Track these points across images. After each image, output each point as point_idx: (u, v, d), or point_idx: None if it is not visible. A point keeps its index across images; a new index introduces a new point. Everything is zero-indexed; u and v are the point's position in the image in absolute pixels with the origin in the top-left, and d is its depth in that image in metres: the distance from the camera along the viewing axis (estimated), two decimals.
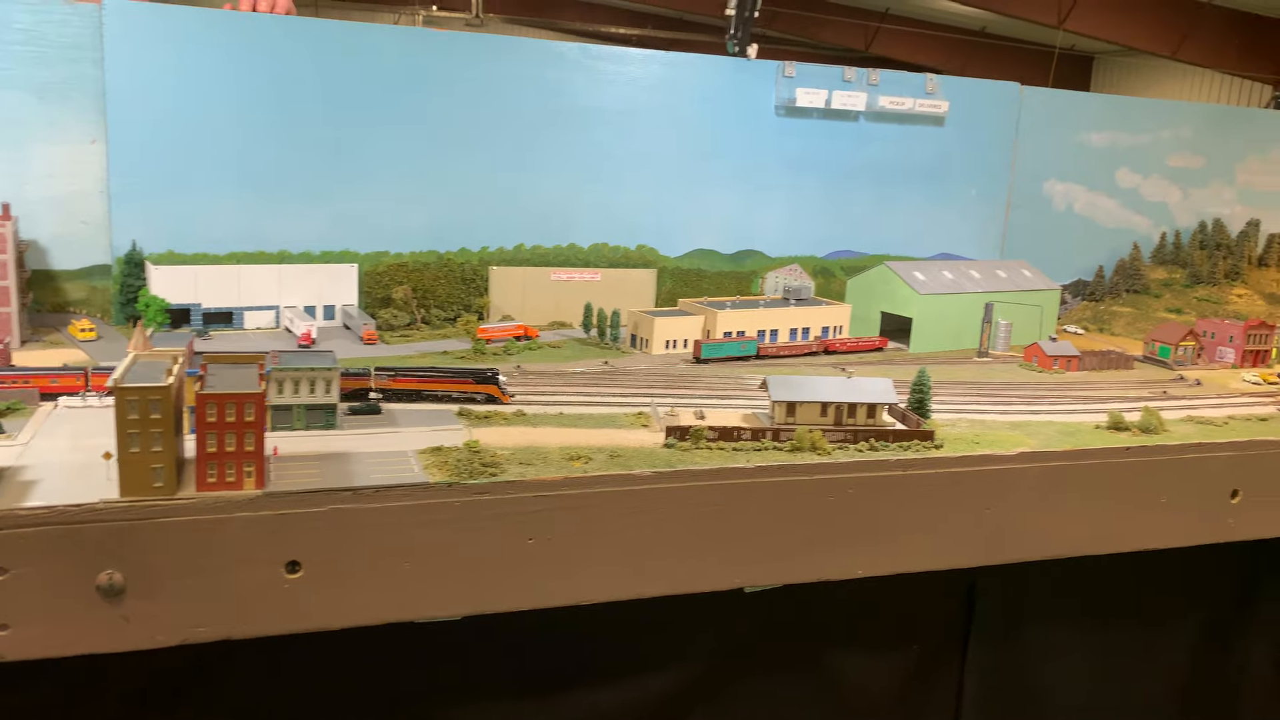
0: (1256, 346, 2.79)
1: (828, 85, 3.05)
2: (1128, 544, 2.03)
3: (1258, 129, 3.58)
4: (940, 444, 1.95)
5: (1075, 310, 3.40)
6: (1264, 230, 3.51)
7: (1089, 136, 3.36)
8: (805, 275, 3.20)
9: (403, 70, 2.75)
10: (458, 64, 2.80)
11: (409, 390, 2.13)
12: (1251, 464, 2.09)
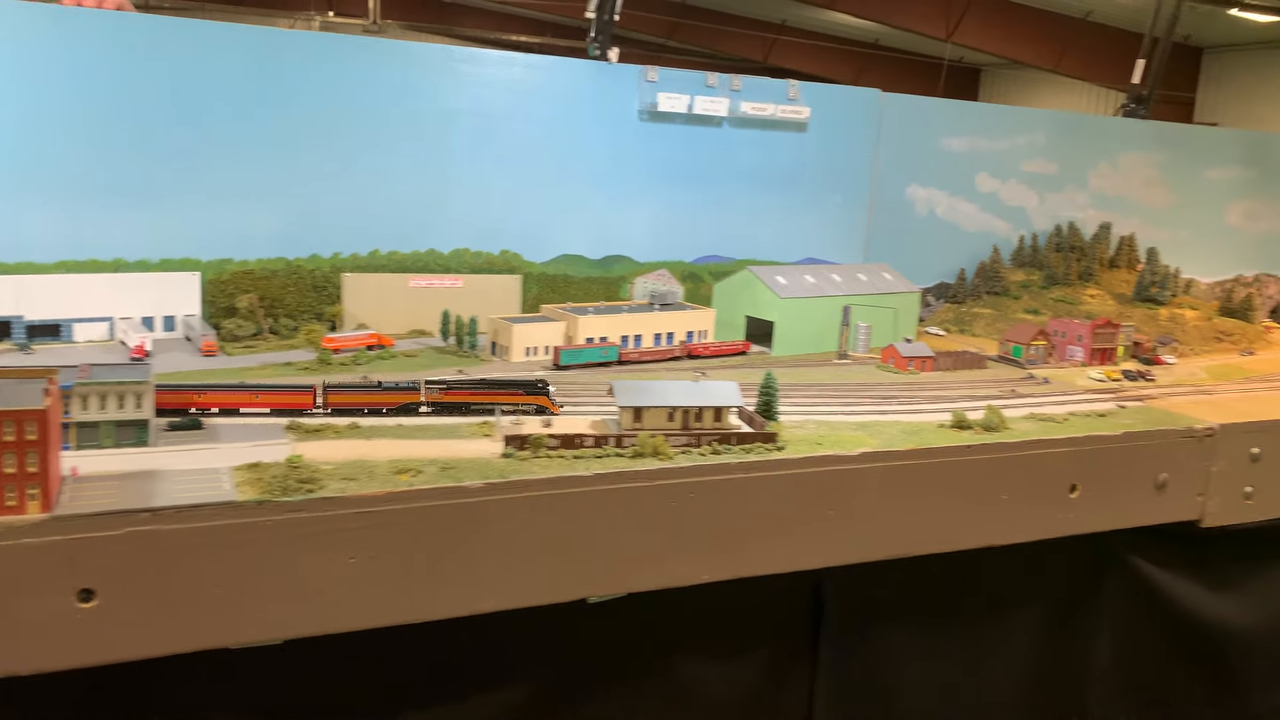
0: (1103, 345, 2.88)
1: (690, 90, 3.04)
2: (971, 541, 2.06)
3: (1108, 136, 3.72)
4: (783, 446, 1.94)
5: (939, 312, 3.47)
6: (1115, 233, 3.65)
7: (949, 142, 3.43)
8: (674, 280, 3.18)
9: (251, 70, 2.63)
10: (309, 64, 2.69)
11: (458, 403, 2.07)
12: (1089, 459, 2.14)
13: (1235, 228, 3.93)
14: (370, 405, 2.07)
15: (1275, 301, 3.97)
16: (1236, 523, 2.33)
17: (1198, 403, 2.47)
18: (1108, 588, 2.29)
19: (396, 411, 2.07)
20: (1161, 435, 2.21)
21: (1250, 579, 2.40)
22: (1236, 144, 3.94)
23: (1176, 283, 3.39)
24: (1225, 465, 2.28)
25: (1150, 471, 2.21)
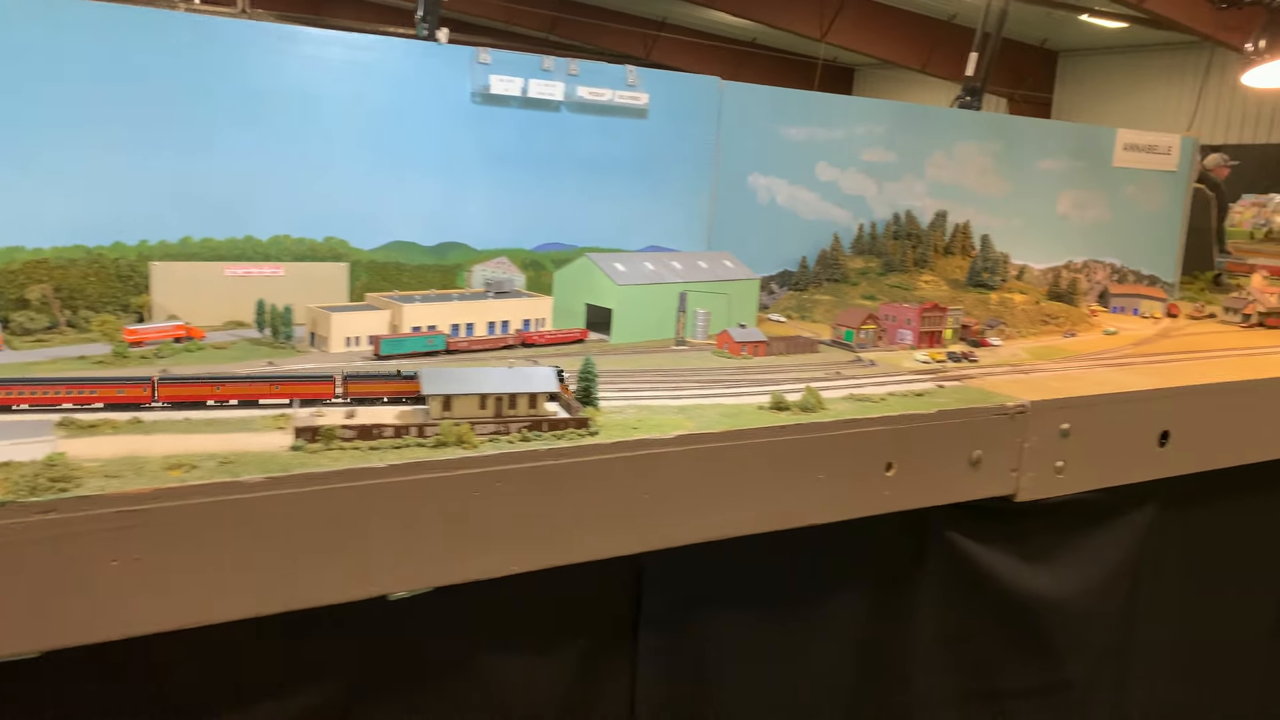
0: (931, 328, 2.95)
1: (524, 74, 2.98)
2: (790, 520, 2.06)
3: (943, 127, 3.83)
4: (597, 431, 1.91)
5: (782, 299, 3.50)
6: (950, 220, 3.75)
7: (788, 131, 3.47)
8: (514, 268, 3.12)
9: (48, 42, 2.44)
10: (112, 38, 2.51)
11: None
12: (904, 437, 2.18)
13: (1065, 216, 4.10)
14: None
15: (1103, 287, 4.16)
16: (1049, 496, 2.40)
17: (1014, 381, 2.55)
18: (928, 564, 2.34)
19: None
20: (975, 413, 2.26)
21: (1063, 550, 2.49)
22: (1066, 136, 4.11)
23: (1006, 268, 3.51)
24: (1037, 441, 2.35)
25: (964, 449, 2.26)
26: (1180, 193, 4.40)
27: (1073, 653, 2.54)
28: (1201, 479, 2.67)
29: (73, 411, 1.85)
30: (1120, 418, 2.48)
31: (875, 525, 2.20)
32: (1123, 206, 4.23)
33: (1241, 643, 2.97)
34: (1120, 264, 4.28)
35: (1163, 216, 4.35)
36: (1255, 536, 2.91)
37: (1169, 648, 2.81)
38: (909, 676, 2.36)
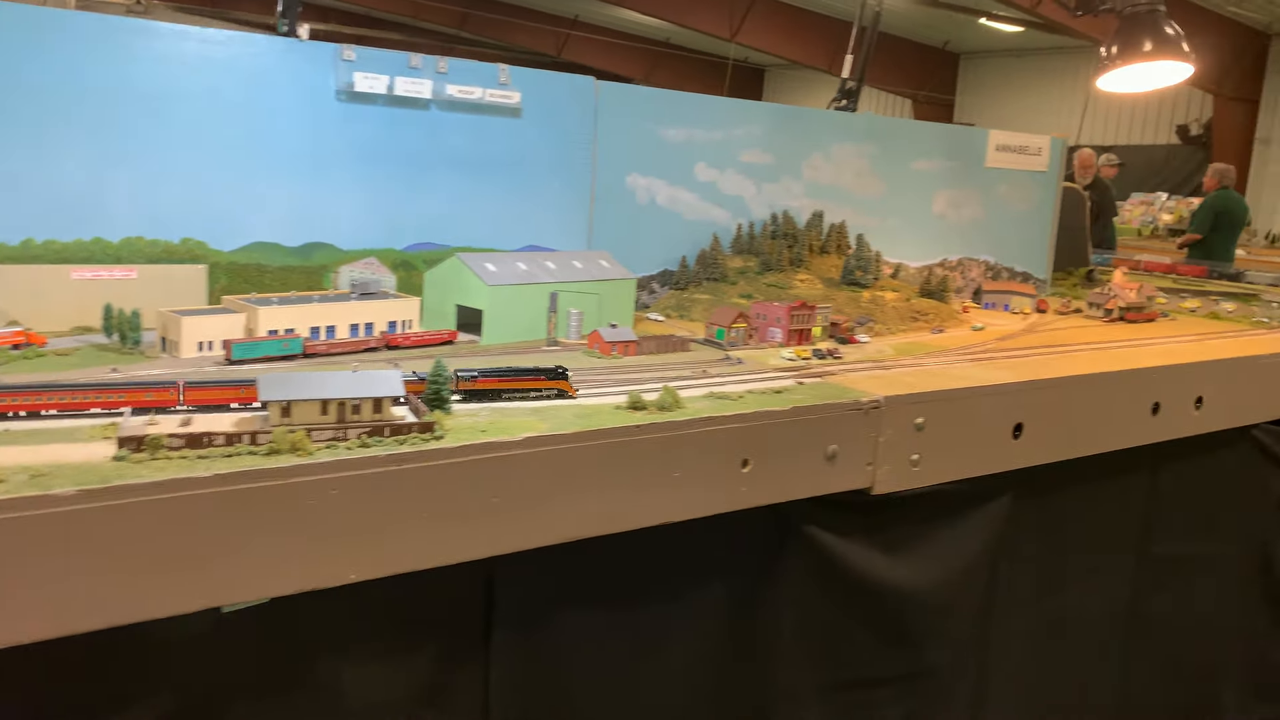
0: (800, 326, 3.01)
1: (390, 71, 2.93)
2: (645, 520, 2.08)
3: (820, 128, 3.90)
4: (442, 435, 1.89)
5: (663, 299, 3.52)
6: (827, 221, 3.82)
7: (666, 132, 3.49)
8: (384, 269, 3.07)
9: None
10: None
11: (490, 390, 2.15)
12: (760, 434, 2.21)
13: (941, 215, 4.21)
14: None
15: (978, 284, 4.28)
16: (906, 488, 2.47)
17: (873, 377, 2.60)
18: (788, 558, 2.37)
19: None
20: (830, 409, 2.31)
21: (922, 540, 2.55)
22: (940, 137, 4.22)
23: (879, 267, 3.59)
24: (892, 435, 2.41)
25: (820, 444, 2.30)
26: (1051, 192, 4.57)
27: (934, 640, 2.61)
28: (1055, 469, 2.78)
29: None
30: (974, 411, 2.56)
31: (733, 521, 2.22)
32: (996, 205, 4.37)
33: (1097, 626, 3.10)
34: (994, 261, 4.42)
35: (1034, 215, 4.51)
36: (1107, 523, 3.04)
37: (1028, 633, 2.92)
38: (771, 669, 2.40)
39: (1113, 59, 3.59)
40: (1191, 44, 9.70)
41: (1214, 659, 3.31)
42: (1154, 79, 3.69)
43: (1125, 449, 2.95)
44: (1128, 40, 3.58)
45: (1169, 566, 3.18)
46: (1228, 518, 3.23)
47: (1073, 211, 5.29)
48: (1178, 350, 3.21)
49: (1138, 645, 3.17)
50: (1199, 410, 3.05)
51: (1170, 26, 3.55)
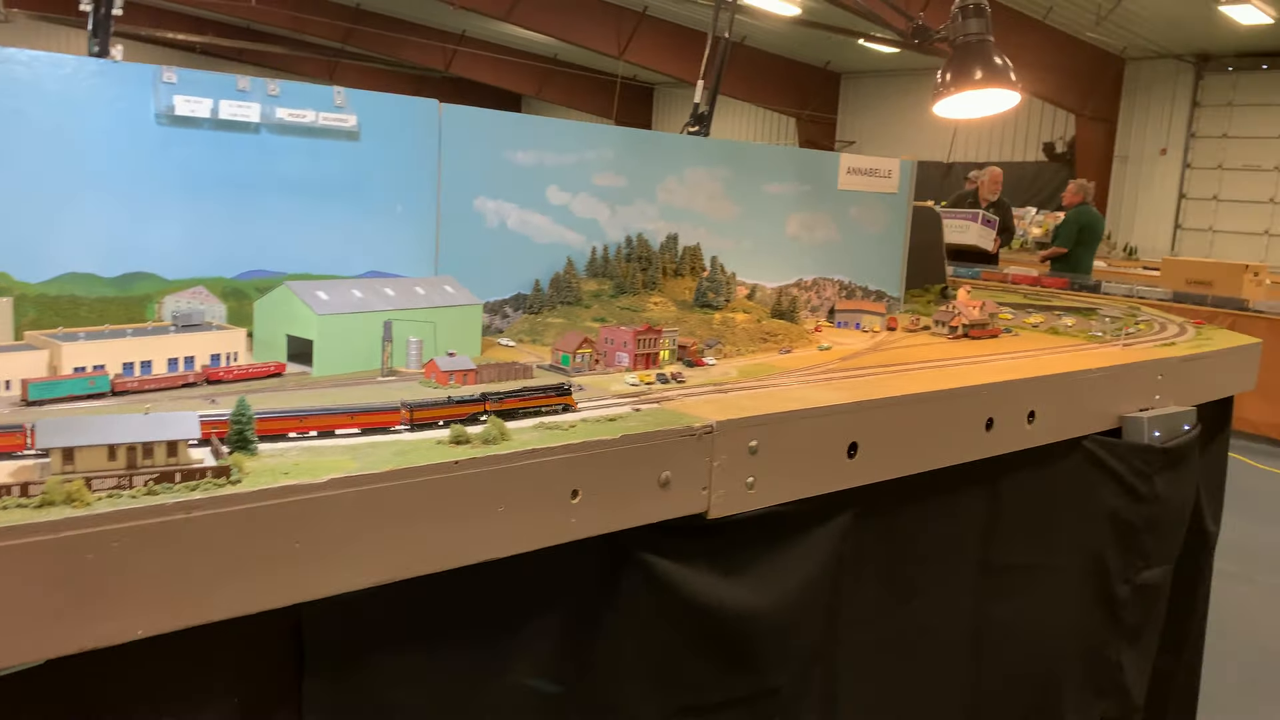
0: (646, 350, 3.01)
1: (215, 94, 2.82)
2: (466, 558, 2.03)
3: (674, 152, 3.93)
4: (239, 479, 1.81)
5: (516, 323, 3.48)
6: (681, 243, 3.85)
7: (515, 155, 3.46)
8: (213, 299, 2.94)
9: None
10: None
11: (510, 410, 2.27)
12: (590, 464, 2.19)
13: (795, 237, 4.29)
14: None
15: (832, 303, 4.37)
16: (742, 511, 2.48)
17: (710, 402, 2.62)
18: (623, 586, 2.36)
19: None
20: (661, 435, 2.30)
21: (761, 562, 2.57)
22: (792, 160, 4.30)
23: (732, 289, 3.63)
24: (726, 459, 2.42)
25: (653, 471, 2.29)
26: (902, 213, 4.71)
27: (777, 661, 2.63)
28: (895, 485, 2.85)
29: None
30: (809, 432, 2.60)
31: (565, 552, 2.20)
32: (849, 226, 4.48)
33: (942, 638, 3.18)
34: (849, 281, 4.53)
35: (886, 235, 4.64)
36: (948, 536, 3.13)
37: (874, 648, 2.97)
38: (611, 700, 2.37)
39: (946, 86, 3.73)
40: (1055, 67, 10.21)
41: (1055, 662, 3.44)
42: (984, 106, 3.85)
43: (962, 464, 3.03)
44: (960, 69, 3.73)
45: (1009, 576, 3.29)
46: (1063, 526, 3.37)
47: (929, 230, 5.47)
48: (1011, 367, 3.33)
49: (983, 655, 3.26)
50: (1031, 424, 3.17)
51: (999, 57, 3.72)
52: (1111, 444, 3.44)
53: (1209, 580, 4.39)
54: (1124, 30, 23.45)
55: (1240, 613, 6.49)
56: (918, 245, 5.05)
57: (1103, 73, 25.73)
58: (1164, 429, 3.55)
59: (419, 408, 2.19)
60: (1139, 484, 3.46)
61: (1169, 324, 4.58)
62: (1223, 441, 4.27)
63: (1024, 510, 3.29)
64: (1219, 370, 4.02)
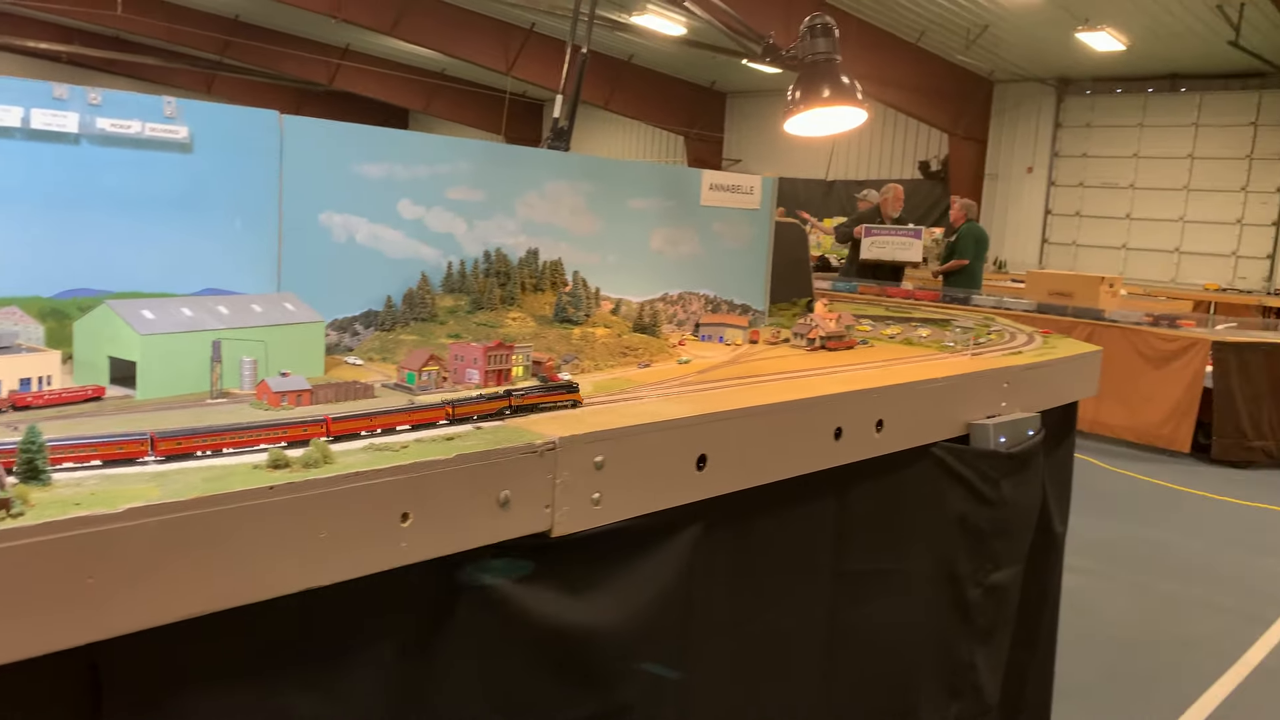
0: (498, 367, 2.96)
1: (27, 102, 2.66)
2: (283, 588, 1.94)
3: (534, 166, 3.90)
4: (21, 512, 1.69)
5: (367, 341, 3.39)
6: (542, 258, 3.82)
7: (365, 168, 3.37)
8: (29, 319, 2.76)
9: None
10: None
11: (529, 405, 2.41)
12: (421, 485, 2.13)
13: (659, 252, 4.31)
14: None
15: (698, 317, 4.40)
16: (587, 528, 2.45)
17: (557, 418, 2.58)
18: (462, 610, 2.30)
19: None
20: (500, 454, 2.26)
21: (609, 578, 2.55)
22: (655, 176, 4.33)
23: (591, 303, 3.62)
24: (570, 476, 2.39)
25: (491, 490, 2.25)
26: (765, 228, 4.79)
27: (627, 677, 2.61)
28: (746, 496, 2.86)
29: None
30: (656, 445, 2.59)
31: (398, 577, 2.12)
32: (713, 241, 4.53)
33: (797, 646, 3.22)
34: (714, 295, 4.58)
35: (750, 250, 4.71)
36: (801, 545, 3.17)
37: (729, 659, 2.98)
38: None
39: (796, 104, 3.81)
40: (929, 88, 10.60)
41: (910, 665, 3.51)
42: (833, 124, 3.95)
43: (813, 473, 3.07)
44: (808, 87, 3.82)
45: (862, 582, 3.35)
46: (914, 532, 3.45)
47: (796, 246, 5.59)
48: (860, 377, 3.40)
49: (838, 661, 3.31)
50: (880, 433, 3.24)
51: (846, 76, 3.82)
52: (959, 450, 3.55)
53: (1059, 579, 4.58)
54: (991, 54, 24.62)
55: (1096, 607, 6.82)
56: (785, 260, 5.15)
57: (973, 94, 26.94)
58: (1009, 435, 3.68)
59: (460, 404, 2.40)
60: (986, 489, 3.58)
61: (1018, 334, 4.77)
62: (1068, 446, 4.46)
63: (875, 516, 3.36)
64: (1062, 377, 4.21)
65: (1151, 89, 25.69)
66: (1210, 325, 11.70)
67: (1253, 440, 10.80)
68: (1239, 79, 24.38)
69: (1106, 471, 10.41)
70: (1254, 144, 24.81)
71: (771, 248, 4.79)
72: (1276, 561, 7.85)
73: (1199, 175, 25.54)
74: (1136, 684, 5.69)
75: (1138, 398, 11.13)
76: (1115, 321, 11.33)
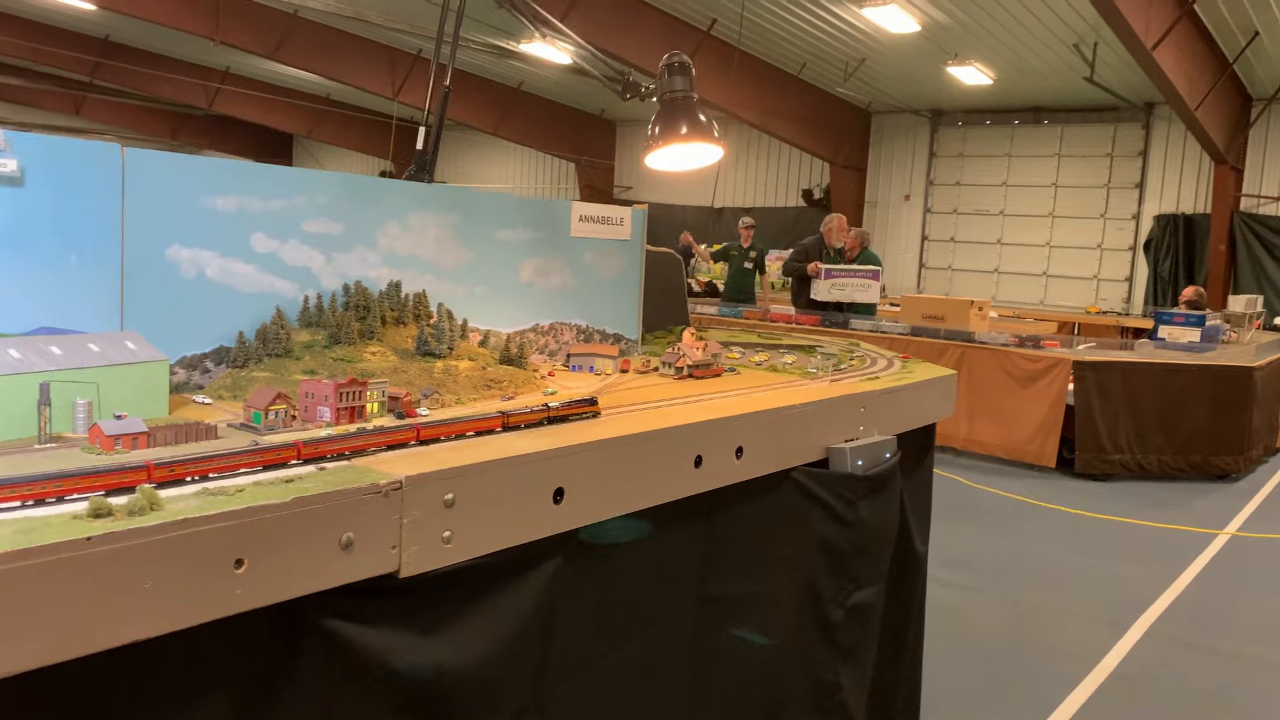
0: (351, 404, 2.91)
1: None
2: (104, 642, 1.85)
3: (395, 198, 3.86)
4: None
5: (219, 379, 3.28)
6: (406, 290, 3.78)
7: (215, 201, 3.28)
8: None
9: None
10: None
11: (560, 417, 2.59)
12: (256, 530, 2.07)
13: (529, 283, 4.32)
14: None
15: (570, 347, 4.42)
16: (439, 567, 2.43)
17: (407, 455, 2.56)
18: (305, 657, 2.24)
19: None
20: (341, 495, 2.22)
21: (464, 617, 2.52)
22: (523, 208, 4.34)
23: (455, 336, 3.59)
24: (418, 514, 2.37)
25: (332, 533, 2.20)
26: (636, 258, 4.85)
27: (485, 716, 2.58)
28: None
29: None
30: (510, 481, 2.59)
31: (236, 625, 2.06)
32: (584, 272, 4.56)
33: (663, 673, 3.24)
34: (586, 325, 4.61)
35: (621, 280, 4.77)
36: (665, 573, 3.20)
37: (591, 692, 2.98)
38: None
39: (655, 139, 3.89)
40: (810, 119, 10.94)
41: (777, 687, 3.58)
42: (690, 159, 4.05)
43: (675, 501, 3.11)
44: (667, 123, 3.90)
45: (727, 607, 3.40)
46: (777, 556, 3.52)
47: (672, 274, 5.68)
48: (721, 405, 3.47)
49: (705, 686, 3.34)
50: (740, 459, 3.31)
51: (703, 114, 3.92)
52: (819, 474, 3.65)
53: (923, 596, 4.73)
54: (869, 86, 25.60)
55: (965, 620, 7.07)
56: (661, 289, 5.23)
57: (852, 125, 27.93)
58: (866, 458, 3.81)
59: (514, 415, 2.69)
60: (845, 510, 3.69)
61: (879, 359, 4.95)
62: (927, 466, 4.64)
63: (738, 542, 3.43)
64: (918, 400, 4.38)
65: (1018, 120, 27.13)
66: (1073, 346, 12.35)
67: (1112, 454, 11.42)
68: (1096, 112, 25.98)
69: (977, 488, 10.84)
70: (1111, 173, 26.42)
71: (643, 277, 4.85)
72: (1132, 570, 8.30)
73: (1063, 203, 27.04)
74: (1003, 692, 5.92)
75: (1007, 415, 11.65)
76: (985, 343, 11.85)
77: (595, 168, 31.70)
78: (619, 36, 21.05)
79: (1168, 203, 25.74)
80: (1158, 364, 11.67)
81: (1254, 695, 6.09)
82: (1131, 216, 26.37)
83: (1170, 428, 11.59)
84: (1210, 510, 10.59)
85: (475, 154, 36.13)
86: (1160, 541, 9.26)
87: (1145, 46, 16.87)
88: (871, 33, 21.33)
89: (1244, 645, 6.85)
